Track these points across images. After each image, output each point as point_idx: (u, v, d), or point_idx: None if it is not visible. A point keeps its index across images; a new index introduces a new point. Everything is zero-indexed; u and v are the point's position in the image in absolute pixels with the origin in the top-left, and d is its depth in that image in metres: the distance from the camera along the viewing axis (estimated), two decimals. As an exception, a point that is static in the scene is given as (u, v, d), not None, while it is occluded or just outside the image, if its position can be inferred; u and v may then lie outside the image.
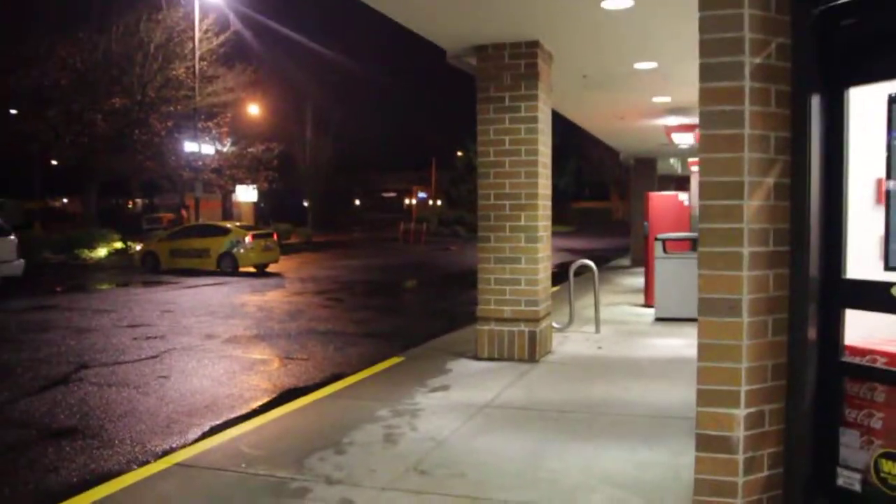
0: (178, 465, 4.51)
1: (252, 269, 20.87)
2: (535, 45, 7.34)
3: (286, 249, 26.35)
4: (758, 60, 3.37)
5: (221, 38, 30.85)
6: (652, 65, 8.70)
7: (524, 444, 4.76)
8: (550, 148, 7.87)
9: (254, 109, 37.31)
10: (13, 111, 30.71)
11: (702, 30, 3.43)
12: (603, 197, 72.97)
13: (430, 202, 74.39)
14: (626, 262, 21.30)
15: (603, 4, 6.25)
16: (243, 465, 4.42)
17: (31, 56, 26.73)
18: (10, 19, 27.18)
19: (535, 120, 7.36)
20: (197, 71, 29.18)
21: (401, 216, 62.24)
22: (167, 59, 29.81)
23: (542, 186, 7.48)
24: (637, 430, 5.10)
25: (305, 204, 56.02)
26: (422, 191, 78.03)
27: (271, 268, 21.59)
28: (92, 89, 27.87)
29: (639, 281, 14.78)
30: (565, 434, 5.00)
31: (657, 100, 11.43)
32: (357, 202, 75.92)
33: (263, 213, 48.79)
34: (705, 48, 3.44)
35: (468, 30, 7.07)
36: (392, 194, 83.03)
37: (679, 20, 6.67)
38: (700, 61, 3.45)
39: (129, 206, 52.76)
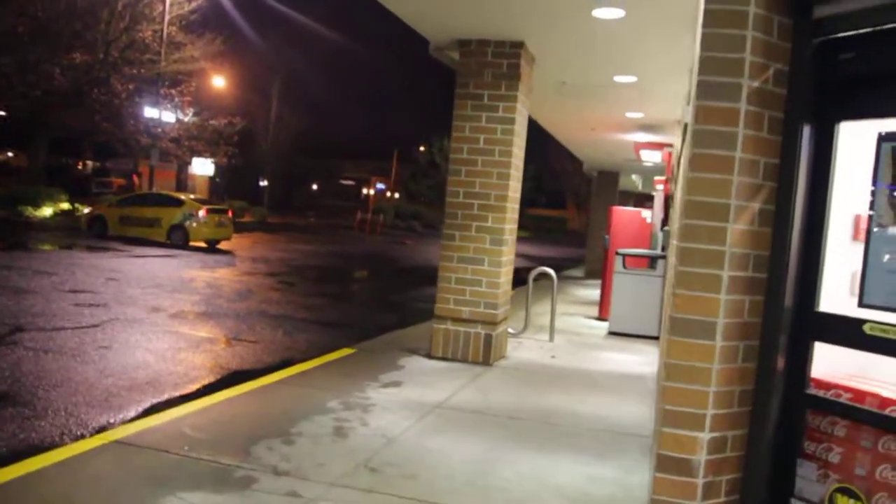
0: (116, 442, 4.29)
1: (203, 244, 20.42)
2: (519, 45, 7.26)
3: (239, 227, 25.85)
4: (756, 84, 3.33)
5: (193, 4, 30.13)
6: (631, 79, 8.70)
7: (477, 449, 4.67)
8: (524, 151, 7.80)
9: (219, 81, 36.56)
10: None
11: (704, 47, 3.37)
12: (560, 206, 73.54)
13: (388, 194, 74.18)
14: (579, 273, 21.43)
15: (594, 12, 6.19)
16: (186, 448, 4.23)
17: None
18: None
19: (512, 121, 7.28)
20: (165, 35, 28.46)
21: (357, 205, 61.90)
22: (134, 19, 28.96)
23: (513, 189, 7.40)
24: (589, 443, 5.05)
25: (262, 183, 55.25)
26: (381, 182, 77.68)
27: (223, 245, 21.15)
28: (52, 41, 26.87)
29: (592, 293, 14.87)
30: (518, 441, 4.92)
31: (630, 115, 11.46)
32: (314, 186, 75.16)
33: (218, 188, 47.90)
34: (705, 66, 3.37)
35: (454, 23, 6.96)
36: (350, 182, 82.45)
37: (665, 37, 6.68)
38: (698, 79, 3.39)
39: (79, 166, 51.22)
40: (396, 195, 73.10)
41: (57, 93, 27.53)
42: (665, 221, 11.92)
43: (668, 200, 12.23)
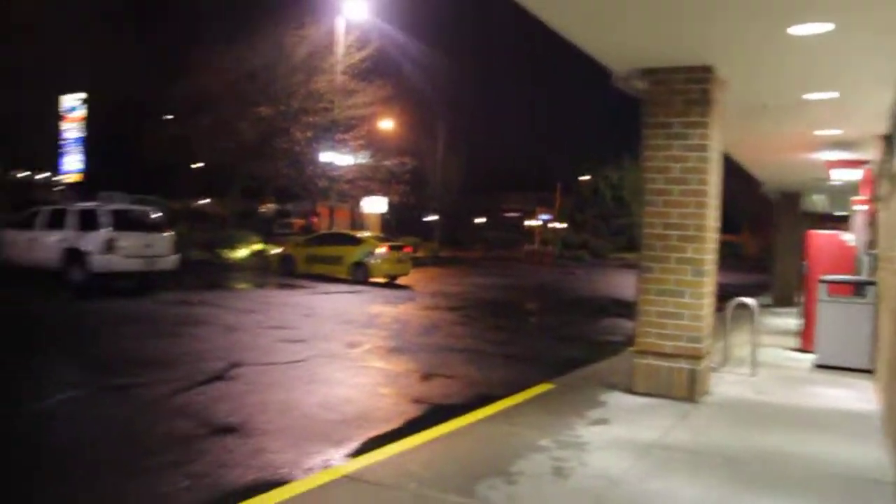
0: (346, 477, 4.49)
1: (382, 280, 21.21)
2: (709, 70, 7.04)
3: (414, 263, 26.66)
4: None
5: (363, 53, 31.75)
6: (831, 95, 8.18)
7: (704, 494, 4.46)
8: (720, 178, 7.51)
9: (389, 124, 38.13)
10: (169, 116, 32.84)
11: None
12: (733, 230, 70.17)
13: (553, 225, 74.07)
14: (766, 300, 20.24)
15: (789, 30, 5.90)
16: (412, 486, 4.35)
17: (187, 66, 28.56)
18: (169, 32, 29.16)
19: (706, 148, 7.05)
20: (337, 85, 30.16)
21: (522, 236, 62.13)
22: (311, 71, 30.99)
23: (712, 218, 7.14)
24: (826, 489, 4.68)
25: (426, 219, 56.84)
26: (544, 212, 77.63)
27: (401, 280, 21.88)
28: (241, 98, 29.31)
29: (786, 322, 14.02)
30: (747, 486, 4.65)
31: (820, 132, 10.78)
32: (479, 220, 76.28)
33: (390, 225, 49.72)
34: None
35: (641, 52, 6.86)
36: (514, 214, 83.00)
37: (876, 48, 6.24)
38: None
39: (262, 209, 55.00)
40: (562, 225, 72.83)
41: (246, 145, 29.93)
42: (870, 244, 11.03)
43: (871, 221, 11.33)
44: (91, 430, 5.85)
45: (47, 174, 43.34)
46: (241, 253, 27.07)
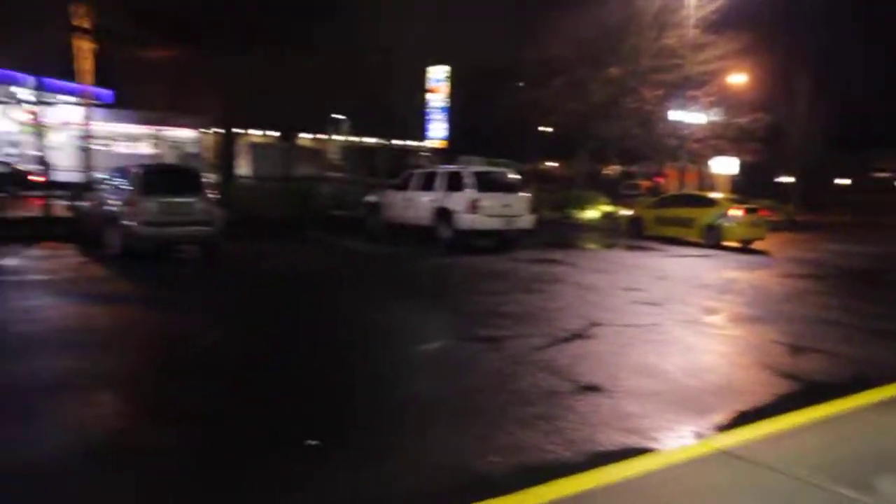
0: (720, 451, 4.36)
1: (735, 244, 20.12)
2: None
3: (768, 227, 24.81)
4: None
5: (714, 4, 30.03)
6: None
7: None
8: None
9: (742, 77, 35.69)
10: (520, 83, 34.34)
11: None
12: None
13: (940, 185, 63.95)
14: None
15: None
16: (794, 470, 4.09)
17: (541, 31, 29.51)
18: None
19: None
20: (688, 39, 28.93)
21: (892, 198, 54.25)
22: (660, 27, 30.14)
23: None
24: None
25: (777, 180, 52.46)
26: (928, 171, 67.21)
27: (756, 245, 20.57)
28: (592, 59, 29.57)
29: None
30: None
31: None
32: (843, 181, 68.32)
33: (739, 187, 46.83)
34: None
35: None
36: (887, 175, 73.03)
37: None
38: None
39: (606, 171, 55.08)
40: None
41: (594, 106, 30.23)
42: None
43: None
44: (460, 378, 6.31)
45: (415, 142, 48.03)
46: (590, 214, 27.62)
